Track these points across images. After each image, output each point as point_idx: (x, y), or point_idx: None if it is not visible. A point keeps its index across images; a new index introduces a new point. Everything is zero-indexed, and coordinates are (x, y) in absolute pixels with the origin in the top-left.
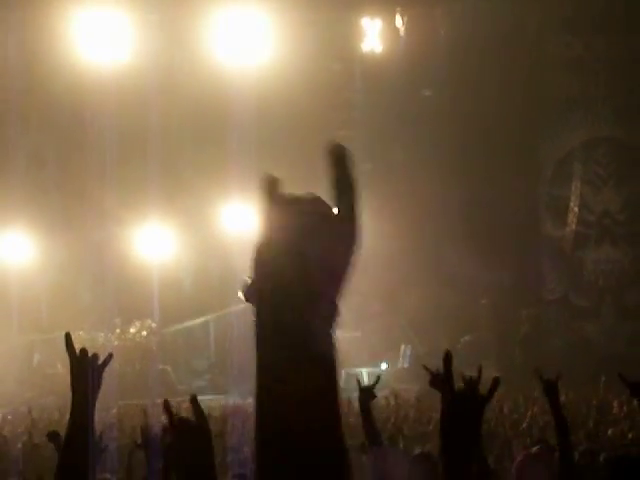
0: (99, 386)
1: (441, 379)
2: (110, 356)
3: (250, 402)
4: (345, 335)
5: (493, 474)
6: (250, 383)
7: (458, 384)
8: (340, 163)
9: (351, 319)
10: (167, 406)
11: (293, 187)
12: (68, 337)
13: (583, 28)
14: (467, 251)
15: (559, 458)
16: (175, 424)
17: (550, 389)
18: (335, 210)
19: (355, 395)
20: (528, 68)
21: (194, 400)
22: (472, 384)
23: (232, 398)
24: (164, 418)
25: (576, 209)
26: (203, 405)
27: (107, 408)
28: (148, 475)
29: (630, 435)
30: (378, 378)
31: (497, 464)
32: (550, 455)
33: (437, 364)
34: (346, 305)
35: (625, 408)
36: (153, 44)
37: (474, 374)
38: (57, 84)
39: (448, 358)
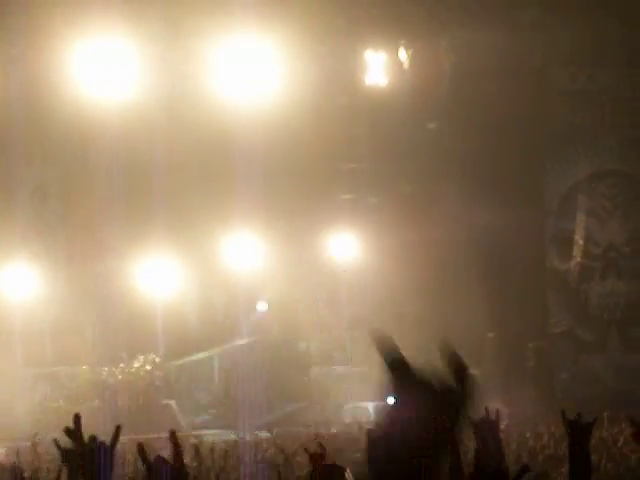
0: (112, 469)
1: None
2: (118, 429)
3: (257, 435)
4: (352, 369)
5: None
6: (254, 417)
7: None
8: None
9: (358, 354)
10: (141, 449)
11: (297, 221)
12: (69, 432)
13: (587, 60)
14: (473, 284)
15: None
16: (150, 464)
17: (574, 430)
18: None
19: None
20: (532, 100)
21: (173, 435)
22: None
23: (236, 433)
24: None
25: (581, 242)
26: (207, 440)
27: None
28: None
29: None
30: None
31: None
32: None
33: None
34: (353, 339)
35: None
36: (157, 78)
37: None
38: (61, 118)
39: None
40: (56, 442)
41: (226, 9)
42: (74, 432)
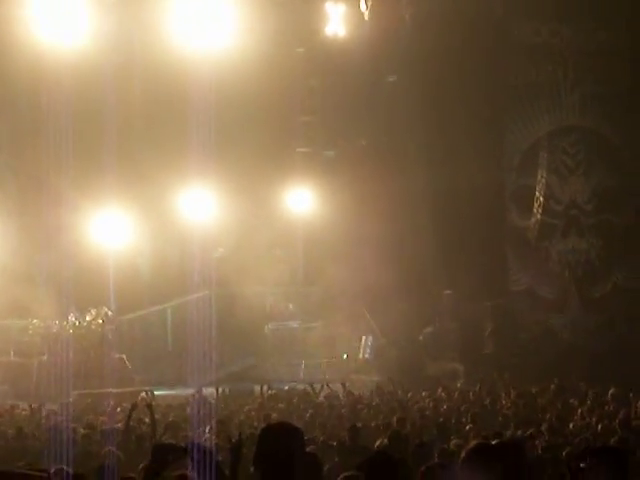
0: None
1: None
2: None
3: (208, 392)
4: (306, 325)
5: None
6: (206, 373)
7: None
8: None
9: (312, 309)
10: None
11: (252, 173)
12: None
13: (550, 15)
14: (430, 240)
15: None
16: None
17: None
18: None
19: (316, 386)
20: (494, 54)
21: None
22: None
23: (188, 388)
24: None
25: (542, 199)
26: (159, 395)
27: (62, 397)
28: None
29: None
30: None
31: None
32: (507, 450)
33: (398, 355)
34: (307, 295)
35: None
36: (110, 25)
37: (437, 365)
38: (12, 66)
39: None
40: None
41: None
42: None
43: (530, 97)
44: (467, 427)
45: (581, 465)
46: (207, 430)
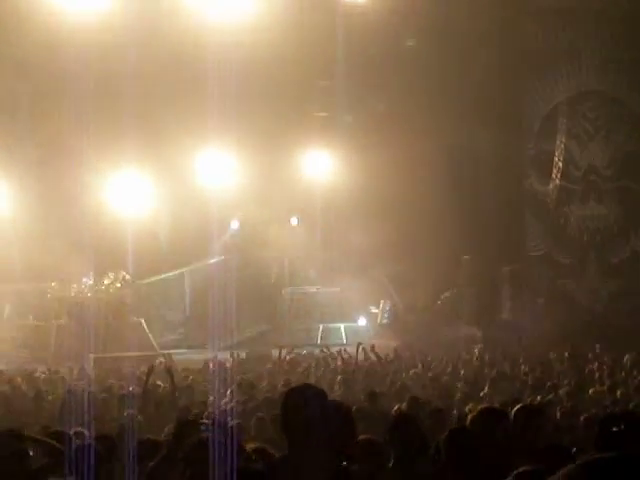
0: None
1: None
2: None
3: (225, 355)
4: (325, 290)
5: None
6: (224, 337)
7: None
8: None
9: (331, 274)
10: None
11: (271, 138)
12: None
13: None
14: (449, 205)
15: None
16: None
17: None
18: None
19: (335, 350)
20: (514, 19)
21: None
22: None
23: (205, 352)
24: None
25: (561, 164)
26: (176, 359)
27: (81, 360)
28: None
29: (614, 395)
30: None
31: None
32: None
33: (416, 320)
34: (326, 260)
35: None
36: None
37: (454, 330)
38: (32, 30)
39: None
40: None
41: None
42: None
43: (550, 62)
44: (484, 392)
45: (614, 429)
46: (228, 393)
